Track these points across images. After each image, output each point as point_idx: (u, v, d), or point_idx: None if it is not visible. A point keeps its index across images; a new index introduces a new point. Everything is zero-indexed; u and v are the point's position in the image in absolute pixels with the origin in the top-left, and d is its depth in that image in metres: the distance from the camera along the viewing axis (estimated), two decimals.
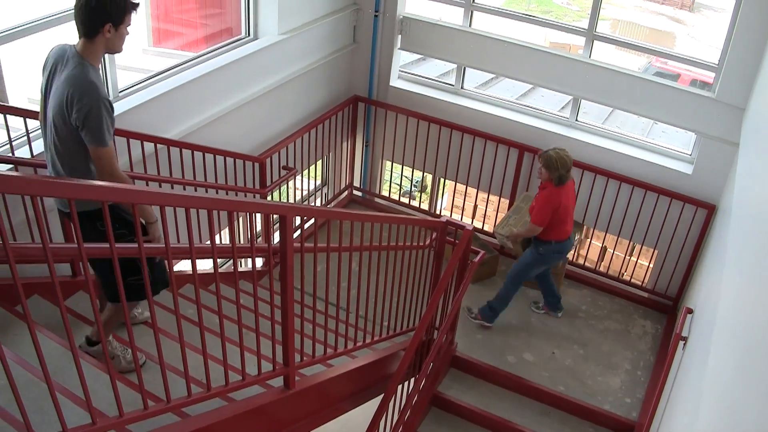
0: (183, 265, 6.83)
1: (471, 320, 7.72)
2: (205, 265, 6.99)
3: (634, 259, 9.20)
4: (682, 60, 8.34)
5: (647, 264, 9.00)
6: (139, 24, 8.05)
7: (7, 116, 5.06)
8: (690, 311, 5.93)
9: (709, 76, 7.83)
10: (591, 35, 8.02)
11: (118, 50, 4.23)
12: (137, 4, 4.14)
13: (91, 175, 4.15)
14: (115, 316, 4.58)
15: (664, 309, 8.44)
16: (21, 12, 5.45)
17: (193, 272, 3.40)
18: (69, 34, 5.83)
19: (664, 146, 8.32)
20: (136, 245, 3.09)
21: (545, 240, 7.16)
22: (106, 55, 5.94)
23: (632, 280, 8.91)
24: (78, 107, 3.88)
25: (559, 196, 6.96)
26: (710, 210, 7.76)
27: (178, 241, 6.04)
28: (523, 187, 8.69)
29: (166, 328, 4.57)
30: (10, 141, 5.16)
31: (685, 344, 5.66)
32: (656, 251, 8.54)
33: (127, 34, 4.20)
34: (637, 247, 8.95)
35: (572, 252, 8.68)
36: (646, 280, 8.80)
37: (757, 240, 3.73)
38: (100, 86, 3.99)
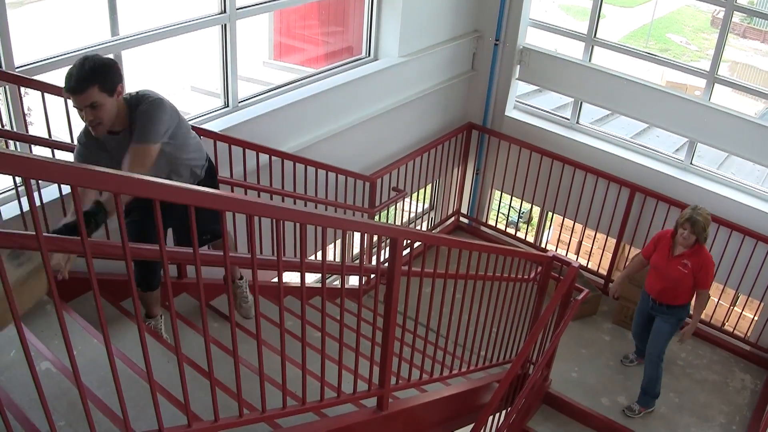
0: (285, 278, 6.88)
1: (637, 418, 7.28)
2: (308, 279, 7.04)
3: (738, 310, 8.96)
4: None
5: (752, 316, 8.76)
6: (261, 37, 8.20)
7: None
8: None
9: None
10: (712, 77, 7.87)
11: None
12: (69, 89, 3.78)
13: None
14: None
15: (765, 364, 8.16)
16: (142, 21, 5.60)
17: (302, 287, 3.42)
18: (186, 44, 6.03)
19: None
20: (248, 256, 3.13)
21: (686, 302, 6.81)
22: (229, 66, 6.12)
23: (735, 332, 8.68)
24: None
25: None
26: None
27: (284, 254, 6.10)
28: (632, 227, 8.56)
29: (266, 339, 4.61)
30: None
31: None
32: (762, 304, 8.29)
33: (85, 117, 3.91)
34: (742, 297, 8.72)
35: None
36: (749, 333, 8.56)
37: None
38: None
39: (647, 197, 8.32)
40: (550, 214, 9.67)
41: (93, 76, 3.73)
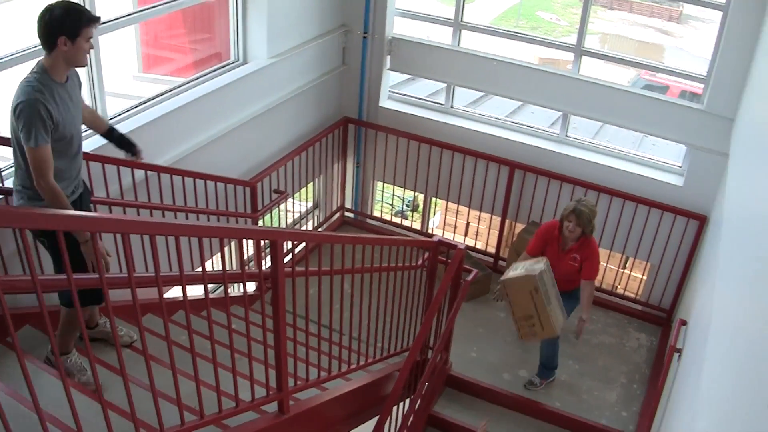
0: (174, 292, 6.79)
1: (540, 390, 7.38)
2: (196, 291, 6.97)
3: (627, 272, 9.18)
4: (670, 72, 8.39)
5: (640, 276, 8.99)
6: (129, 50, 8.07)
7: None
8: (684, 323, 5.94)
9: (698, 87, 7.87)
10: (579, 50, 8.07)
11: (80, 64, 4.36)
12: (96, 18, 4.26)
13: (35, 195, 4.30)
14: (68, 324, 4.69)
15: (658, 321, 8.44)
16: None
17: (184, 299, 3.40)
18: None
19: (654, 159, 8.36)
20: (125, 275, 3.09)
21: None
22: (95, 83, 5.97)
23: (626, 293, 8.90)
24: (15, 107, 4.07)
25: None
26: (702, 221, 7.78)
27: (170, 269, 6.04)
28: (515, 203, 8.72)
29: (156, 355, 4.55)
30: None
31: (680, 356, 5.67)
32: (649, 264, 8.55)
33: (91, 47, 4.29)
34: (630, 260, 8.94)
35: None
36: (639, 293, 8.79)
37: (748, 250, 3.74)
38: (37, 90, 4.09)
39: (527, 173, 8.48)
40: (434, 199, 9.75)
41: None
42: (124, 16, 6.25)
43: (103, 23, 5.90)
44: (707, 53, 7.57)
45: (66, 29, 4.11)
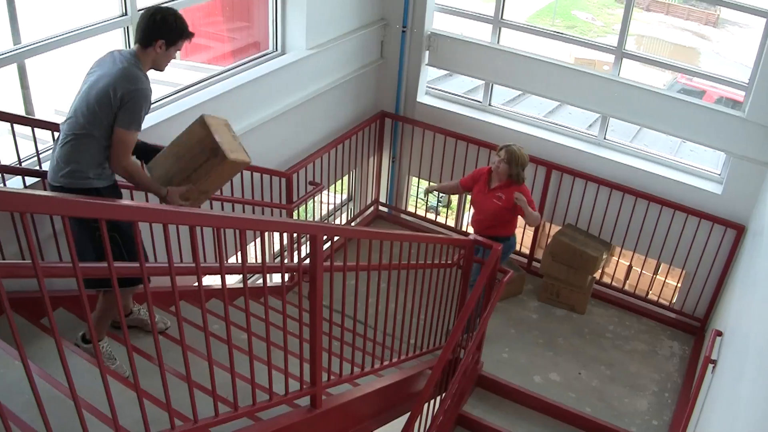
0: (207, 280, 6.77)
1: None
2: (231, 279, 6.97)
3: (661, 278, 9.09)
4: (711, 78, 8.29)
5: (675, 284, 8.90)
6: None
7: (35, 129, 5.06)
8: (719, 334, 5.86)
9: (736, 93, 7.76)
10: (620, 52, 7.98)
11: (161, 69, 4.66)
12: (192, 35, 4.61)
13: (90, 173, 4.47)
14: (106, 311, 4.73)
15: (691, 330, 8.34)
16: (49, 25, 5.46)
17: (223, 290, 3.36)
18: (97, 48, 5.86)
19: (692, 165, 8.25)
20: (165, 264, 3.06)
21: (511, 234, 7.12)
22: None
23: (660, 300, 8.81)
24: (123, 91, 4.28)
25: None
26: (740, 231, 7.68)
27: (205, 259, 6.01)
28: (551, 204, 8.65)
29: (190, 344, 4.53)
30: (38, 153, 5.15)
31: (714, 367, 5.59)
32: (684, 271, 8.45)
33: (174, 57, 4.64)
34: (665, 266, 8.85)
35: (599, 271, 8.59)
36: (673, 300, 8.70)
37: None
38: (147, 80, 4.45)
39: (564, 174, 8.41)
40: (468, 196, 9.68)
41: None
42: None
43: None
44: (743, 58, 7.48)
45: (169, 35, 4.48)
